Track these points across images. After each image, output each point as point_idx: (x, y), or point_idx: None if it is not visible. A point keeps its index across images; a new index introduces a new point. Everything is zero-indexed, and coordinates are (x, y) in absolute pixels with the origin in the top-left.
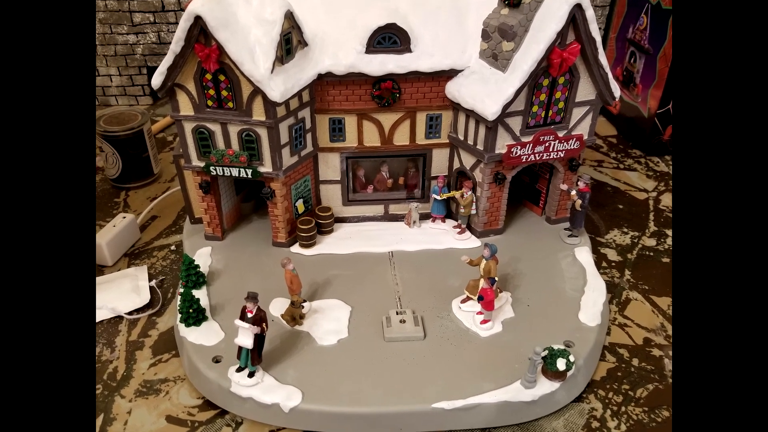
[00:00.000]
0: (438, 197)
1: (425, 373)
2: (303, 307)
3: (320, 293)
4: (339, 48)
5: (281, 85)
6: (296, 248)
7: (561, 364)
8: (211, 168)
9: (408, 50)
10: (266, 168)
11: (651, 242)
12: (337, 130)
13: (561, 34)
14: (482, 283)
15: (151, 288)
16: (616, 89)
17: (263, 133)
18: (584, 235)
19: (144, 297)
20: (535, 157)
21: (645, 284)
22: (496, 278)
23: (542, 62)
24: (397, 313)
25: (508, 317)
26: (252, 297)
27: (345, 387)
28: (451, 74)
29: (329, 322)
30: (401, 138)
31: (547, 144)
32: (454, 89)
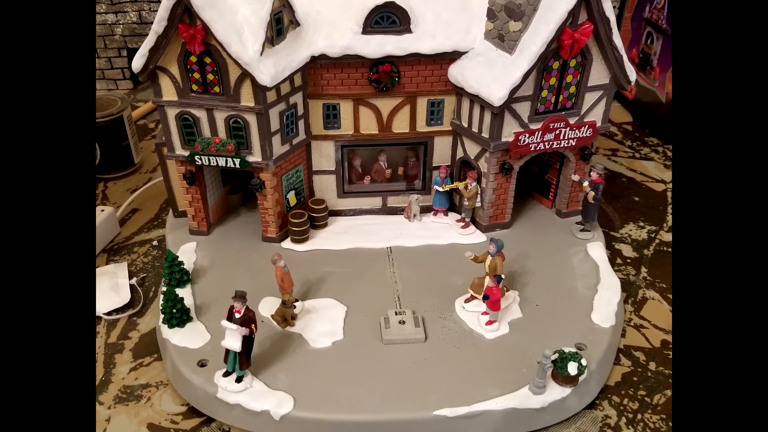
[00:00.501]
0: (440, 189)
1: (426, 378)
2: (295, 307)
3: (313, 292)
4: (334, 28)
5: (271, 68)
6: (288, 244)
7: (572, 369)
8: (196, 157)
9: (408, 31)
10: (255, 157)
11: (669, 237)
12: (332, 117)
13: (572, 14)
14: (488, 281)
15: (132, 286)
16: (632, 73)
17: (252, 120)
18: (597, 230)
19: (124, 296)
20: (545, 146)
21: (663, 282)
22: (503, 276)
23: (552, 43)
24: (396, 314)
25: (516, 318)
26: (240, 296)
27: (340, 393)
28: (454, 56)
29: (323, 323)
30: (400, 125)
31: (558, 131)
32: (458, 73)
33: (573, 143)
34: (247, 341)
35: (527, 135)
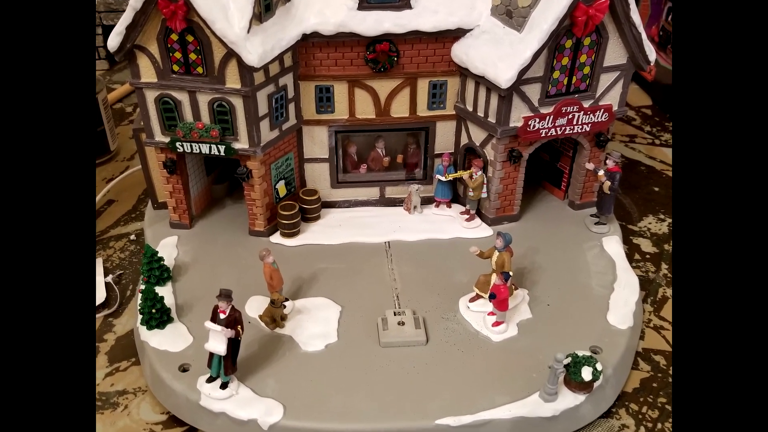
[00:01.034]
0: (443, 178)
1: (428, 384)
2: (285, 307)
3: (305, 290)
4: (327, 4)
5: (259, 47)
6: (277, 238)
7: (586, 374)
8: (178, 144)
9: (407, 6)
10: (242, 144)
11: None
12: (325, 100)
13: None
14: (494, 279)
15: (107, 284)
16: (651, 52)
17: (238, 103)
18: (614, 223)
19: (99, 295)
20: (557, 132)
21: None
22: (511, 273)
23: (565, 20)
24: (395, 314)
25: (525, 318)
26: (225, 295)
27: (334, 400)
28: (458, 34)
29: (315, 325)
30: (400, 109)
31: (571, 116)
32: (462, 52)
33: (587, 129)
34: (233, 344)
35: (537, 120)
